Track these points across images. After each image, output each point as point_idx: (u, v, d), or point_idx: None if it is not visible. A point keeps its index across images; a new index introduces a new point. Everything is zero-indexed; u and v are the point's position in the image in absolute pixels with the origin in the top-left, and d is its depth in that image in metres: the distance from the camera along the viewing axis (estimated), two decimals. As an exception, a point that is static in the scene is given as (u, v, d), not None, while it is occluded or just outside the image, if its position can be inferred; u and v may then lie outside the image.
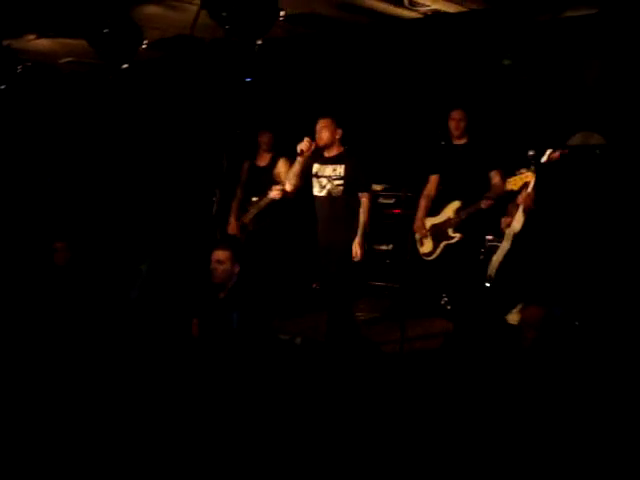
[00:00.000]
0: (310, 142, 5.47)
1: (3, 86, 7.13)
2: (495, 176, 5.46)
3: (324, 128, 5.53)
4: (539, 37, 6.01)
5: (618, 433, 3.95)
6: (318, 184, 5.60)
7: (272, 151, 6.49)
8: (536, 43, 6.10)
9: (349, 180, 5.49)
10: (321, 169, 5.59)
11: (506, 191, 5.37)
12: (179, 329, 5.38)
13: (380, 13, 5.89)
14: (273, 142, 6.49)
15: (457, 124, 5.57)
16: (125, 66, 6.15)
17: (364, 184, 5.58)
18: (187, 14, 5.80)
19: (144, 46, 6.02)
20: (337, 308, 5.62)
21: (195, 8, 5.60)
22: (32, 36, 6.72)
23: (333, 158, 5.58)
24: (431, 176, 5.86)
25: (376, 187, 7.13)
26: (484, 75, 6.59)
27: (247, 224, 6.44)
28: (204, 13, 5.31)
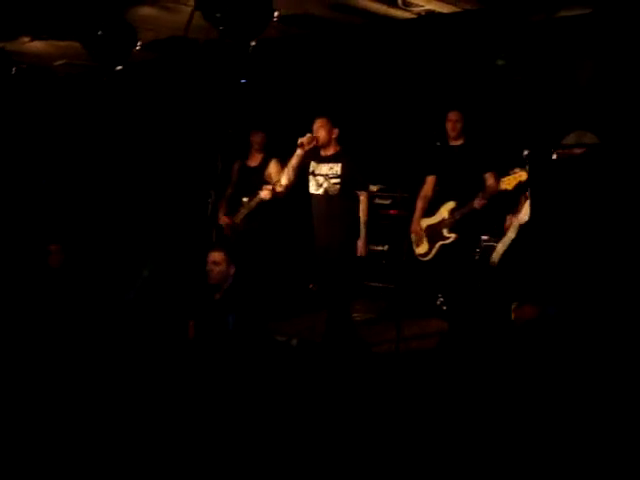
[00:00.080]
0: (312, 137, 5.50)
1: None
2: (490, 177, 5.49)
3: (320, 128, 5.55)
4: (533, 37, 6.01)
5: (615, 432, 3.95)
6: (315, 182, 5.61)
7: (264, 151, 6.48)
8: (530, 43, 6.10)
9: (346, 179, 5.50)
10: (318, 167, 5.61)
11: (500, 191, 5.39)
12: (175, 331, 5.38)
13: (374, 13, 5.89)
14: (265, 142, 6.49)
15: (454, 125, 5.58)
16: (119, 68, 6.14)
17: (362, 183, 5.60)
18: (181, 15, 5.79)
19: (138, 47, 6.02)
20: (335, 306, 5.63)
21: (189, 9, 5.59)
22: (26, 38, 6.71)
23: (330, 157, 5.60)
24: (427, 177, 5.87)
25: (372, 188, 7.12)
26: (478, 75, 6.59)
27: (237, 224, 6.43)
28: (198, 14, 5.30)
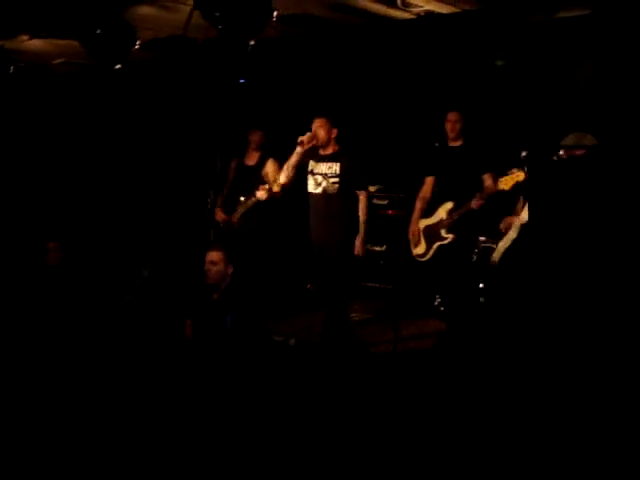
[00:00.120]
0: (312, 136, 5.50)
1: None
2: (488, 179, 5.48)
3: (320, 127, 5.56)
4: (532, 38, 6.01)
5: (615, 431, 3.95)
6: (313, 181, 5.61)
7: (261, 150, 6.47)
8: (529, 44, 6.10)
9: (345, 178, 5.51)
10: (316, 166, 5.61)
11: (497, 191, 5.38)
12: (172, 330, 5.38)
13: (373, 14, 5.89)
14: (263, 141, 6.48)
15: (453, 126, 5.58)
16: (118, 67, 6.14)
17: (361, 182, 5.61)
18: (180, 14, 5.79)
19: (137, 46, 6.01)
20: (332, 307, 5.62)
21: (188, 8, 5.59)
22: (25, 37, 6.71)
23: (329, 156, 5.60)
24: (427, 178, 5.87)
25: (370, 188, 7.10)
26: (477, 76, 6.59)
27: (234, 223, 6.43)
28: (197, 13, 5.30)
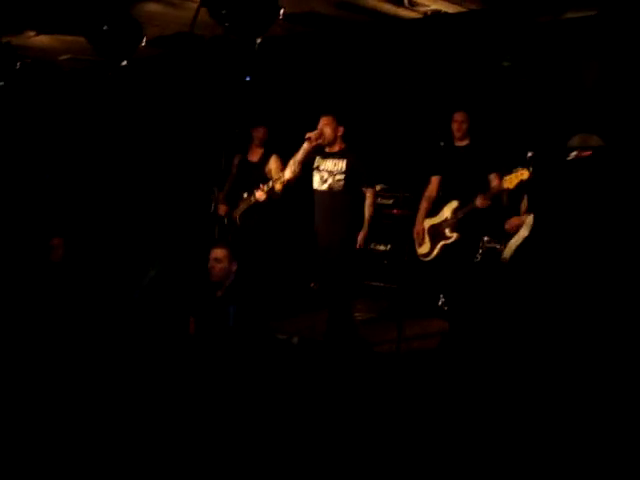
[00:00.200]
0: (320, 133, 5.51)
1: (2, 83, 7.10)
2: (494, 179, 5.48)
3: (326, 126, 5.58)
4: (539, 38, 6.00)
5: (614, 431, 3.95)
6: (319, 177, 5.62)
7: (264, 147, 6.47)
8: (536, 44, 6.09)
9: (351, 175, 5.52)
10: (323, 163, 5.62)
11: (502, 190, 5.38)
12: (176, 327, 5.38)
13: (379, 12, 5.88)
14: (267, 138, 6.48)
15: (459, 126, 5.58)
16: (124, 63, 6.13)
17: (368, 180, 5.62)
18: (187, 12, 5.79)
19: (143, 43, 6.01)
20: (336, 305, 5.62)
21: (195, 6, 5.58)
22: (32, 33, 6.71)
23: (335, 153, 5.61)
24: (432, 177, 5.86)
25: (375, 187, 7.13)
26: (483, 76, 6.58)
27: (236, 219, 6.42)
28: (204, 11, 5.30)
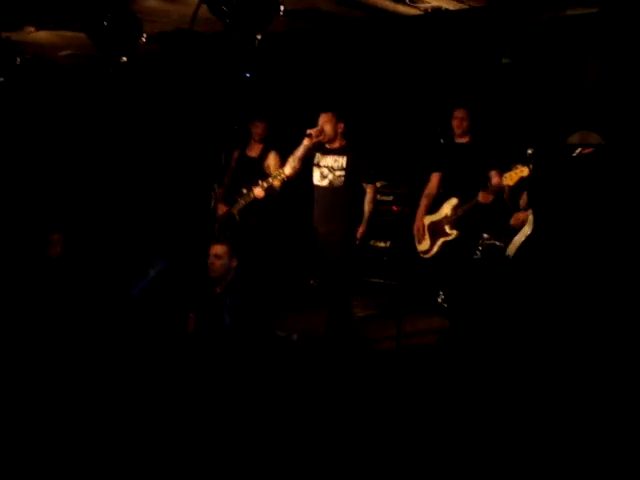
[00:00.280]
0: (320, 130, 5.51)
1: (2, 79, 7.10)
2: (495, 175, 5.49)
3: (326, 123, 5.57)
4: (539, 36, 6.00)
5: (614, 430, 3.95)
6: (319, 173, 5.63)
7: (263, 142, 6.45)
8: (536, 42, 6.09)
9: (351, 172, 5.52)
10: (323, 159, 5.62)
11: (502, 187, 5.38)
12: (175, 324, 5.38)
13: (380, 9, 5.88)
14: (266, 133, 6.47)
15: (460, 123, 5.59)
16: (124, 59, 6.13)
17: (368, 176, 5.61)
18: (187, 8, 5.78)
19: (144, 39, 6.01)
20: (336, 302, 5.63)
21: (195, 2, 5.58)
22: (32, 28, 6.70)
23: (336, 150, 5.61)
24: (433, 174, 5.86)
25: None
26: (483, 73, 6.58)
27: (235, 215, 6.40)
28: (204, 7, 5.30)
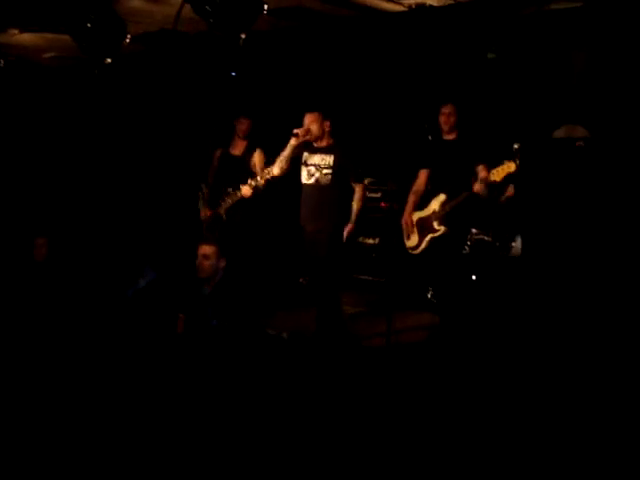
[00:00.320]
0: (307, 130, 5.50)
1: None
2: (482, 170, 5.48)
3: (312, 122, 5.56)
4: (524, 30, 6.01)
5: (613, 430, 3.96)
6: (306, 172, 5.62)
7: (248, 139, 6.41)
8: (521, 36, 6.09)
9: (338, 170, 5.51)
10: (310, 157, 5.62)
11: (489, 182, 5.38)
12: (164, 324, 5.37)
13: (365, 6, 5.87)
14: (250, 131, 6.42)
15: (447, 119, 5.59)
16: (109, 61, 6.10)
17: (356, 175, 5.61)
18: (171, 8, 5.76)
19: (128, 40, 5.98)
20: (325, 299, 5.63)
21: (178, 2, 5.56)
22: (15, 31, 6.67)
23: (323, 148, 5.61)
24: (421, 171, 5.87)
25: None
26: (469, 68, 6.59)
27: (221, 214, 6.36)
28: (188, 7, 5.28)
